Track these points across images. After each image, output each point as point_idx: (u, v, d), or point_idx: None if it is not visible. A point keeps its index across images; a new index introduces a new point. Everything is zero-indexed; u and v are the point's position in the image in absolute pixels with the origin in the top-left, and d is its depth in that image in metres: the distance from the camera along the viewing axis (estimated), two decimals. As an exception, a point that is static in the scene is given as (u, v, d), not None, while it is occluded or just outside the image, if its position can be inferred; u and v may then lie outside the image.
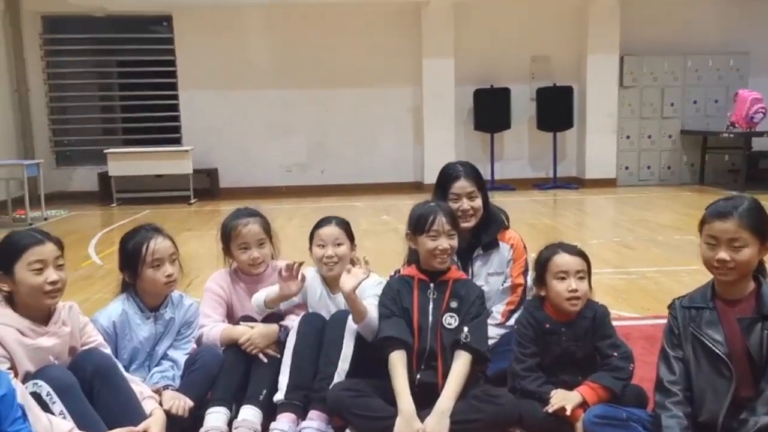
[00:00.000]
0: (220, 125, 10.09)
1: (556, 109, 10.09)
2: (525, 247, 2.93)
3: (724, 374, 2.05)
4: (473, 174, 2.85)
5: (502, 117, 9.98)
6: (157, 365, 2.54)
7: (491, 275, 2.86)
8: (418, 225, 2.51)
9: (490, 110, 9.99)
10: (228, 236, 2.79)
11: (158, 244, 2.49)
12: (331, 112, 10.31)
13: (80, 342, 2.27)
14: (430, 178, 9.98)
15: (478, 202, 2.82)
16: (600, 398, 2.30)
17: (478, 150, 10.10)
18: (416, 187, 10.27)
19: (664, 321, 3.67)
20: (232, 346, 2.58)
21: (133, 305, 2.54)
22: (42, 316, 2.16)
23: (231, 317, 2.80)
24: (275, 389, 2.47)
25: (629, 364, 2.38)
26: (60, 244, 2.21)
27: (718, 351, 2.06)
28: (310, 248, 2.78)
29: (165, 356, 2.57)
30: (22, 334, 2.09)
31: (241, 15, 9.86)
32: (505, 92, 10.04)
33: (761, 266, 2.11)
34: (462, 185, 2.80)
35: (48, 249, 2.14)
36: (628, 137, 10.46)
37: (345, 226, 2.77)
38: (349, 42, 10.09)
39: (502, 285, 2.86)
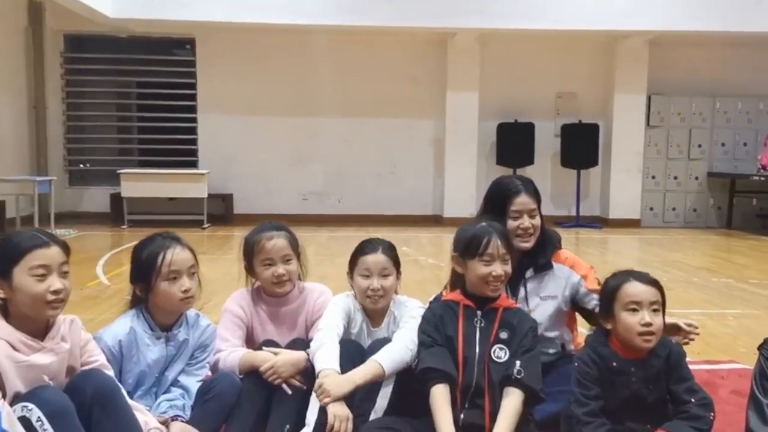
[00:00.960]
0: (237, 150, 9.93)
1: (581, 146, 9.86)
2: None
3: None
4: (534, 190, 2.59)
5: (526, 152, 9.75)
6: (165, 392, 2.24)
7: (544, 299, 2.58)
8: (469, 247, 2.23)
9: (513, 145, 9.77)
10: (251, 251, 2.50)
11: (176, 255, 2.22)
12: (351, 141, 10.14)
13: (80, 361, 1.98)
14: (450, 211, 9.78)
15: (538, 221, 2.55)
16: (678, 451, 1.99)
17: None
18: (435, 220, 10.02)
19: (721, 366, 3.41)
20: (252, 374, 2.27)
21: (143, 323, 2.26)
22: (39, 330, 1.89)
23: (251, 342, 2.51)
24: (300, 425, 2.16)
25: (709, 413, 2.06)
26: (67, 249, 1.94)
27: None
28: (350, 273, 2.49)
29: (175, 382, 2.27)
30: (15, 348, 1.81)
31: (265, 41, 9.77)
32: (530, 127, 9.83)
33: None
34: (524, 201, 2.53)
35: (53, 253, 1.87)
36: (653, 177, 10.20)
37: (393, 253, 2.48)
38: (373, 71, 9.96)
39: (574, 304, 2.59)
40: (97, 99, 10.19)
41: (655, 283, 2.20)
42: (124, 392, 2.02)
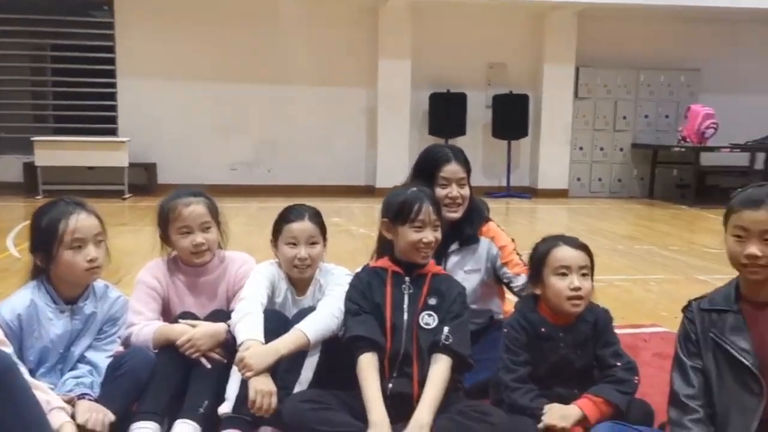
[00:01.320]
0: (160, 118, 9.52)
1: (512, 117, 9.93)
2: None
3: (753, 389, 1.76)
4: (464, 159, 2.57)
5: (458, 122, 9.75)
6: (72, 369, 2.07)
7: (468, 273, 2.55)
8: (400, 213, 2.14)
9: (445, 115, 9.75)
10: (166, 219, 2.33)
11: (81, 221, 2.04)
12: (281, 109, 9.89)
13: None
14: (383, 181, 9.70)
15: (466, 191, 2.53)
16: (603, 414, 1.98)
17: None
18: (368, 190, 9.93)
19: (644, 330, 3.49)
20: (168, 349, 2.13)
21: (45, 296, 2.08)
22: None
23: (167, 315, 2.35)
24: (220, 400, 2.04)
25: (634, 376, 2.07)
26: None
27: (744, 361, 1.76)
28: (274, 242, 2.36)
29: (82, 358, 2.10)
30: None
31: (190, 4, 9.34)
32: (461, 97, 9.82)
33: None
34: (454, 169, 2.51)
35: None
36: (581, 148, 10.40)
37: (319, 219, 2.36)
38: (303, 38, 9.71)
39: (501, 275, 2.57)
40: (9, 63, 9.53)
41: (584, 248, 2.18)
42: (24, 370, 1.85)
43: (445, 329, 2.08)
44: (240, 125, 9.82)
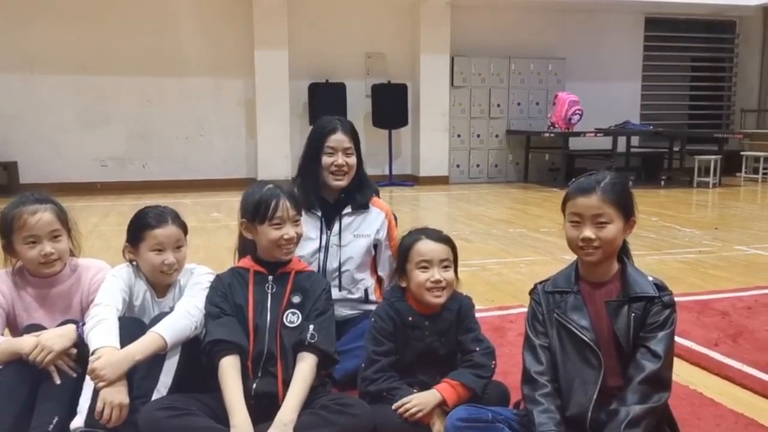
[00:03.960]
0: (19, 113, 8.90)
1: (391, 106, 10.06)
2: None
3: (592, 363, 1.88)
4: (350, 129, 2.66)
5: (338, 112, 9.46)
6: None
7: (358, 237, 2.67)
8: (257, 212, 2.12)
9: (325, 105, 9.68)
10: (10, 228, 2.16)
11: None
12: (154, 102, 9.50)
13: None
14: (264, 173, 9.58)
15: (353, 160, 2.63)
16: (460, 397, 2.06)
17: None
18: (249, 183, 9.68)
19: (511, 312, 3.65)
20: (13, 364, 2.00)
21: None
22: None
23: (14, 331, 2.20)
24: (72, 414, 1.94)
25: (491, 361, 2.17)
26: None
27: (584, 337, 1.89)
28: (132, 246, 2.24)
29: None
30: None
31: (47, -11, 8.76)
32: (341, 87, 9.83)
33: (625, 247, 1.98)
34: (339, 138, 2.61)
35: None
36: (459, 136, 10.72)
37: (181, 221, 2.27)
38: (174, 27, 9.37)
39: (375, 253, 2.71)
40: None
41: (446, 241, 2.24)
42: None
43: (311, 327, 2.08)
44: (109, 119, 9.35)
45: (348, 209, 2.67)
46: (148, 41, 9.29)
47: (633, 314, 1.87)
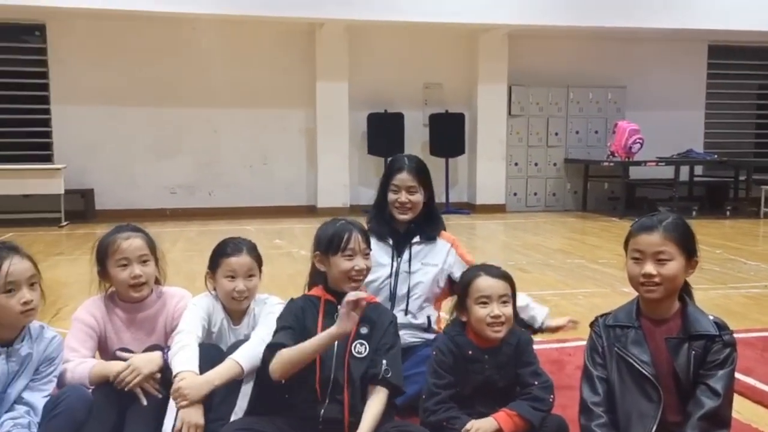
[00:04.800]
0: (97, 143, 9.41)
1: (449, 135, 10.20)
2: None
3: (651, 397, 1.94)
4: (417, 169, 2.78)
5: (396, 142, 9.94)
6: (9, 410, 2.09)
7: (426, 265, 2.80)
8: (331, 244, 2.26)
9: (383, 134, 9.94)
10: (105, 253, 2.38)
11: (14, 266, 2.07)
12: (220, 132, 9.90)
13: None
14: (324, 201, 9.82)
15: (417, 197, 2.76)
16: (517, 427, 2.13)
17: (371, 174, 9.99)
18: (309, 210, 10.01)
19: (569, 344, 3.68)
20: (104, 386, 2.18)
21: None
22: None
23: (105, 353, 2.40)
24: (158, 434, 2.11)
25: (549, 395, 2.23)
26: None
27: (645, 371, 1.96)
28: (212, 273, 2.44)
29: (19, 399, 2.12)
30: None
31: (122, 27, 9.29)
32: (399, 117, 10.04)
33: (686, 287, 2.04)
34: (403, 177, 2.74)
35: None
36: (516, 164, 10.75)
37: (256, 253, 2.46)
38: (240, 61, 9.77)
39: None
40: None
41: (505, 277, 2.33)
42: None
43: (384, 362, 2.19)
44: (179, 148, 9.78)
45: (417, 239, 2.81)
46: (217, 75, 9.71)
47: (693, 352, 1.93)
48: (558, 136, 10.81)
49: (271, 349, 2.15)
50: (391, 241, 2.80)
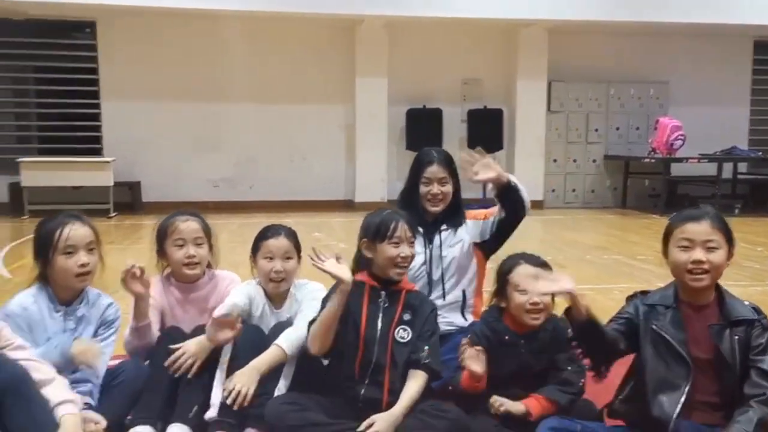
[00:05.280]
0: (144, 137, 9.70)
1: (487, 131, 10.22)
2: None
3: (682, 375, 2.04)
4: (446, 161, 2.88)
5: (434, 137, 10.00)
6: (73, 372, 2.27)
7: (454, 245, 2.89)
8: (378, 232, 2.38)
9: (422, 130, 10.01)
10: (164, 233, 2.57)
11: (74, 230, 2.27)
12: (261, 127, 10.10)
13: None
14: (362, 196, 9.93)
15: (448, 188, 2.85)
16: (545, 410, 2.22)
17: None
18: (347, 205, 10.15)
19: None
20: (159, 360, 2.35)
21: (45, 297, 2.30)
22: None
23: (162, 325, 2.57)
24: (206, 406, 2.26)
25: (580, 380, 2.31)
26: None
27: (680, 351, 2.05)
28: (253, 258, 2.59)
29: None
30: None
31: (169, 25, 9.55)
32: (437, 113, 10.10)
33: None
34: (434, 170, 2.83)
35: None
36: (555, 160, 10.72)
37: (294, 238, 2.60)
38: (281, 57, 9.94)
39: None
40: (-7, 84, 9.70)
41: (543, 265, 2.42)
42: (37, 365, 2.05)
43: (425, 348, 2.31)
44: (221, 143, 10.01)
45: (444, 226, 2.91)
46: (259, 71, 9.91)
47: (736, 337, 2.03)
48: (598, 132, 10.74)
49: (309, 326, 2.29)
50: (421, 230, 2.89)
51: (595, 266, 5.85)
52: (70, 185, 8.96)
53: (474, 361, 2.22)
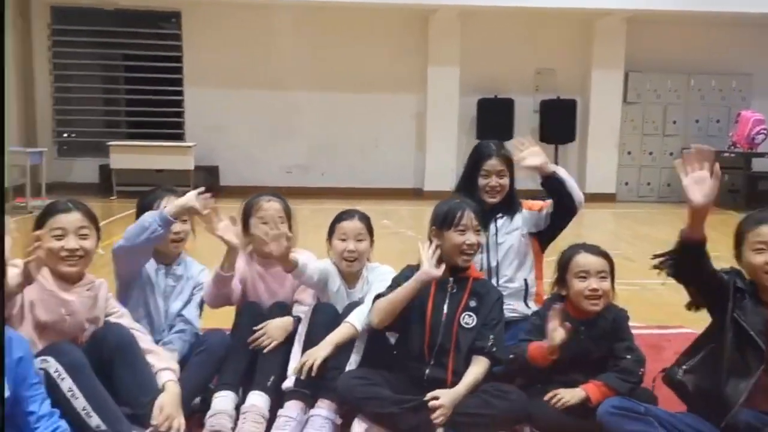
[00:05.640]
0: (223, 123, 10.09)
1: (559, 122, 10.12)
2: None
3: (755, 362, 2.10)
4: (506, 154, 2.98)
5: (505, 127, 9.99)
6: (172, 329, 2.61)
7: (510, 233, 2.99)
8: (445, 220, 2.50)
9: (493, 120, 10.00)
10: (249, 211, 2.78)
11: (170, 203, 2.53)
12: (334, 115, 10.33)
13: (104, 313, 2.33)
14: (431, 185, 10.02)
15: (506, 180, 2.95)
16: (604, 397, 2.29)
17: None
18: (416, 193, 10.27)
19: (669, 331, 3.73)
20: (240, 331, 2.56)
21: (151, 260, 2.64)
22: (72, 280, 2.27)
23: (243, 298, 2.77)
24: (283, 376, 2.45)
25: (640, 369, 2.38)
26: (89, 215, 2.30)
27: (758, 341, 2.11)
28: (329, 240, 2.76)
29: (180, 315, 2.66)
30: (44, 279, 2.16)
31: (250, 15, 9.87)
32: (509, 103, 10.07)
33: None
34: (493, 163, 2.93)
35: (71, 218, 2.23)
36: (629, 153, 10.51)
37: (367, 221, 2.76)
38: (355, 46, 10.11)
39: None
40: (85, 71, 10.26)
41: (603, 254, 2.50)
42: (143, 337, 2.32)
43: (491, 336, 2.43)
44: (295, 130, 10.30)
45: (500, 214, 3.00)
46: (333, 59, 10.12)
47: None
48: (676, 124, 10.45)
49: (374, 300, 2.44)
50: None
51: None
52: (154, 168, 9.43)
53: (557, 334, 2.30)
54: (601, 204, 9.95)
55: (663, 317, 3.99)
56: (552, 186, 2.84)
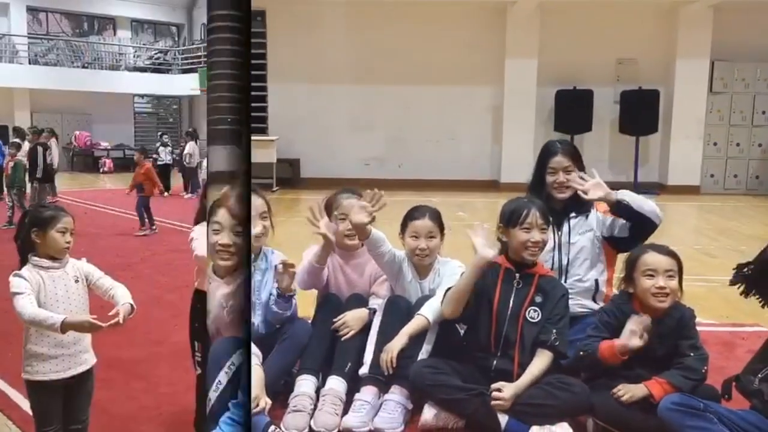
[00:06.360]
0: (304, 117, 10.43)
1: (641, 112, 9.91)
2: None
3: None
4: (570, 151, 3.03)
5: (584, 119, 9.88)
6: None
7: (583, 233, 3.00)
8: (511, 218, 2.60)
9: (571, 112, 9.91)
10: (330, 207, 2.94)
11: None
12: (410, 108, 10.47)
13: None
14: (507, 176, 10.03)
15: (573, 176, 2.97)
16: (667, 394, 2.34)
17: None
18: (492, 185, 10.29)
19: (744, 329, 3.70)
20: (321, 321, 2.76)
21: None
22: None
23: (325, 287, 2.95)
24: (360, 363, 2.64)
25: (703, 367, 2.40)
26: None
27: None
28: (402, 235, 2.91)
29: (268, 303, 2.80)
30: None
31: (330, 12, 10.15)
32: (588, 94, 9.93)
33: None
34: (559, 160, 2.97)
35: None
36: (715, 144, 10.18)
37: (438, 218, 2.88)
38: (432, 40, 10.22)
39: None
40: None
41: (670, 254, 2.53)
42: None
43: (554, 331, 2.52)
44: (373, 123, 10.52)
45: (573, 213, 3.02)
46: (409, 53, 10.27)
47: None
48: (765, 114, 10.03)
49: (445, 292, 2.58)
50: (550, 218, 3.01)
51: (749, 258, 5.60)
52: (238, 161, 9.85)
53: (635, 337, 2.37)
54: (684, 197, 9.70)
55: (740, 315, 3.94)
56: (622, 212, 2.86)
